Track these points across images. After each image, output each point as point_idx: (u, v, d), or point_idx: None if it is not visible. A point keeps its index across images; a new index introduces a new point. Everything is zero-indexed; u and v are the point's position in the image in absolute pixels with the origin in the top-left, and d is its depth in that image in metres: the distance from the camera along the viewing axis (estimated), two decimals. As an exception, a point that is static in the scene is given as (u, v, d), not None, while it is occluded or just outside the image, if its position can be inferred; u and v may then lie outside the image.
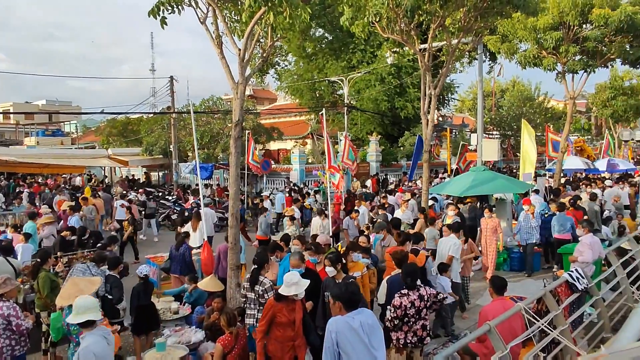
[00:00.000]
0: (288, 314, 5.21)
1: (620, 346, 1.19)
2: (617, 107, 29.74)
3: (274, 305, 5.23)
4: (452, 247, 8.54)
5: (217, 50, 7.92)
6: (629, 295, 7.82)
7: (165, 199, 21.24)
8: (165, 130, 29.21)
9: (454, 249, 8.50)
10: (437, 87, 12.38)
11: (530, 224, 11.42)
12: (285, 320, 5.20)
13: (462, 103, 51.25)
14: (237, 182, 7.98)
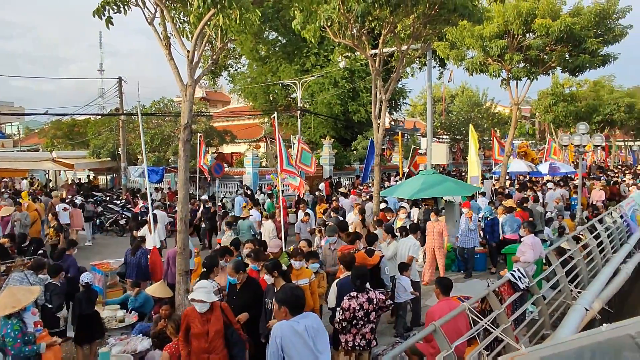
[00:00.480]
0: (201, 325, 4.96)
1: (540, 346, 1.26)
2: (558, 113, 31.21)
3: (187, 315, 5.07)
4: (412, 248, 8.85)
5: (165, 51, 7.76)
6: (568, 293, 8.20)
7: (113, 204, 20.56)
8: (113, 132, 28.33)
9: (413, 249, 8.81)
10: (388, 92, 12.59)
11: (469, 228, 11.48)
12: (198, 330, 4.97)
13: (414, 108, 52.34)
14: (186, 186, 7.84)
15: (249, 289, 6.12)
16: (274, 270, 5.77)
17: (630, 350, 1.17)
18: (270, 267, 5.80)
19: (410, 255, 8.71)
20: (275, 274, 5.75)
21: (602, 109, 35.54)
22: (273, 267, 5.80)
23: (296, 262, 6.78)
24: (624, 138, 51.75)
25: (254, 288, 6.16)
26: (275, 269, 5.79)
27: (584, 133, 15.09)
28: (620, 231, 12.99)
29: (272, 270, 5.77)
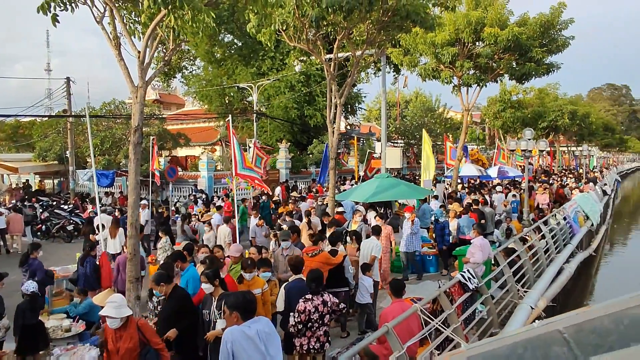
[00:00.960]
0: (113, 342, 4.67)
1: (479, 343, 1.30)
2: (506, 119, 32.41)
3: (105, 330, 4.85)
4: (375, 248, 8.94)
5: (114, 51, 7.56)
6: (515, 292, 8.51)
7: (60, 209, 19.78)
8: (61, 134, 27.29)
9: (376, 250, 8.90)
10: (343, 97, 12.71)
11: (411, 232, 11.30)
12: (110, 347, 4.70)
13: (370, 112, 53.11)
14: (137, 190, 7.64)
15: (174, 301, 5.68)
16: (215, 279, 5.51)
17: (559, 345, 1.23)
18: (210, 275, 5.49)
19: (372, 255, 8.79)
20: (216, 282, 5.50)
21: (547, 116, 37.20)
22: (214, 275, 5.52)
23: (247, 274, 6.49)
24: (567, 143, 54.30)
25: (180, 300, 5.73)
26: (216, 277, 5.54)
27: (529, 138, 15.74)
28: (563, 232, 13.62)
29: (213, 278, 5.49)
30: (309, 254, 7.97)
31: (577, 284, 13.78)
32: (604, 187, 28.20)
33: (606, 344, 1.18)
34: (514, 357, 1.28)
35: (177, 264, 7.01)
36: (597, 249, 17.14)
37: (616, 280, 17.47)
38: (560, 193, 21.58)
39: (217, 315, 5.23)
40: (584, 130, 44.69)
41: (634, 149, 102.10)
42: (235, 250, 7.63)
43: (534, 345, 1.27)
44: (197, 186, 23.67)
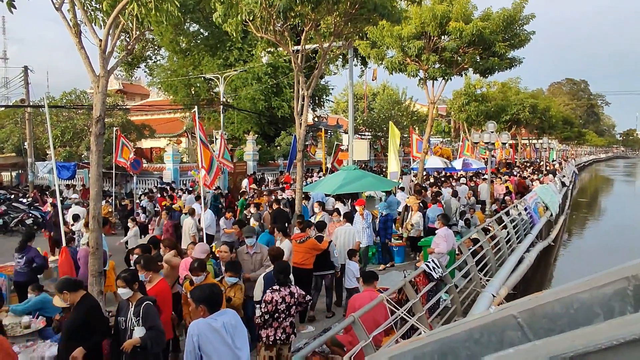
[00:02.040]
0: None
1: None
2: (470, 112, 32.99)
3: None
4: (356, 234, 9.66)
5: (74, 39, 7.32)
6: (477, 281, 8.74)
7: (19, 202, 19.14)
8: (19, 125, 26.33)
9: (357, 235, 9.68)
10: (310, 88, 12.69)
11: (362, 226, 11.12)
12: None
13: (337, 105, 53.26)
14: (99, 183, 7.46)
15: (81, 313, 5.06)
16: (134, 282, 4.98)
17: (513, 329, 1.28)
18: (129, 278, 4.94)
19: (357, 240, 9.60)
20: (135, 286, 4.96)
21: (510, 109, 38.06)
22: (132, 278, 5.00)
23: (196, 278, 5.93)
24: (528, 136, 55.78)
25: (89, 312, 5.09)
26: (135, 280, 5.03)
27: (492, 131, 16.11)
28: (524, 223, 14.03)
29: (132, 282, 4.95)
30: (297, 240, 8.43)
31: (536, 273, 14.26)
32: (563, 179, 29.15)
33: (557, 328, 1.24)
34: (470, 342, 1.33)
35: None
36: (555, 239, 17.74)
37: (573, 268, 18.16)
38: (523, 184, 22.22)
39: (135, 322, 4.76)
40: (544, 124, 45.97)
41: (591, 142, 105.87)
42: (200, 251, 6.93)
43: (490, 330, 1.31)
44: (162, 178, 23.30)
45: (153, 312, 4.78)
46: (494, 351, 1.24)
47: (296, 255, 8.33)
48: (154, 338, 4.62)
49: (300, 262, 8.29)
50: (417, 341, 1.42)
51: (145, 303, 4.82)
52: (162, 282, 5.93)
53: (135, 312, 4.77)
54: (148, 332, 4.61)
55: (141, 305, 4.79)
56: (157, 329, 4.69)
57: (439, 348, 1.35)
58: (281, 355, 5.57)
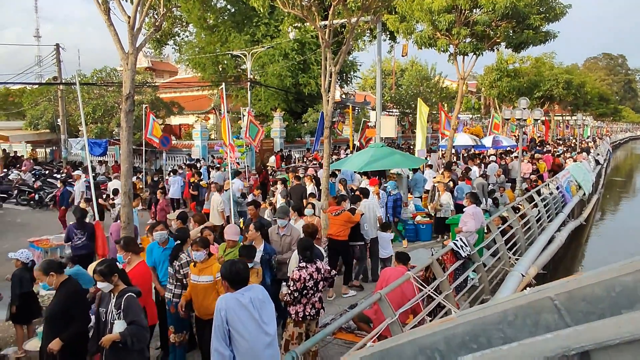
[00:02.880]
0: None
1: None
2: (502, 88, 32.20)
3: None
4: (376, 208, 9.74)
5: (104, 17, 7.38)
6: (506, 260, 8.62)
7: (53, 177, 19.69)
8: (52, 102, 26.91)
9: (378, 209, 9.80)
10: (338, 65, 12.51)
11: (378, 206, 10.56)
12: None
13: (365, 81, 52.57)
14: (130, 159, 7.59)
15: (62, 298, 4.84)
16: (112, 275, 4.53)
17: (549, 312, 1.24)
18: (106, 272, 4.49)
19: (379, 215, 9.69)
20: (114, 278, 4.53)
21: (543, 85, 36.99)
22: (110, 271, 4.53)
23: (196, 253, 5.61)
24: (562, 113, 54.21)
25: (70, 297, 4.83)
26: (113, 272, 4.56)
27: (524, 107, 15.68)
28: (556, 201, 13.73)
29: (110, 275, 4.51)
30: (333, 213, 8.74)
31: (567, 252, 13.99)
32: (597, 157, 28.34)
33: (597, 311, 1.19)
34: (504, 324, 1.29)
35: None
36: (588, 218, 17.32)
37: (605, 249, 17.74)
38: (557, 162, 21.67)
39: (115, 315, 4.38)
40: (579, 100, 44.57)
41: (628, 119, 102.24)
42: (232, 232, 6.57)
43: (525, 313, 1.27)
44: (191, 155, 23.58)
45: (135, 305, 4.41)
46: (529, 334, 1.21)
47: (332, 227, 8.69)
48: (135, 334, 4.25)
49: (335, 234, 8.64)
50: (448, 322, 1.39)
51: (127, 295, 4.43)
52: (141, 264, 5.73)
53: (117, 304, 4.39)
54: (128, 327, 4.27)
55: (123, 297, 4.41)
56: (138, 324, 4.32)
57: (471, 329, 1.31)
58: (309, 330, 5.63)
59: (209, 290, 5.53)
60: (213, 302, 5.17)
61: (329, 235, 8.73)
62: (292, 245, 7.01)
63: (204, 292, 5.54)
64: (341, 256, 8.89)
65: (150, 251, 6.61)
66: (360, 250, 9.10)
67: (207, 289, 5.55)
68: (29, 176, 19.47)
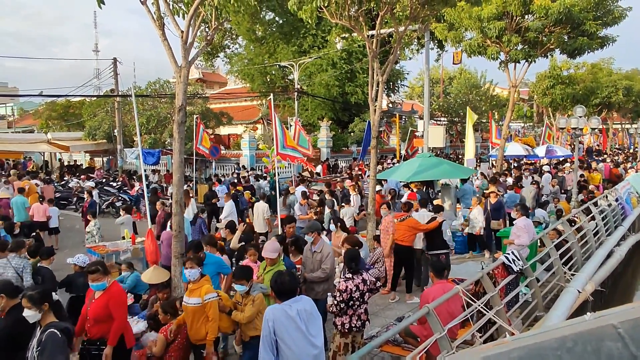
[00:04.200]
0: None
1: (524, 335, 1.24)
2: (555, 95, 31.10)
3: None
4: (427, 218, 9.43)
5: (158, 32, 7.64)
6: (561, 275, 8.26)
7: (110, 186, 20.55)
8: (109, 114, 28.15)
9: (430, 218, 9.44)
10: (385, 74, 12.47)
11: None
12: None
13: (412, 90, 52.14)
14: (181, 168, 7.79)
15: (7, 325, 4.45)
16: (44, 302, 4.01)
17: (612, 340, 1.17)
18: (36, 297, 3.98)
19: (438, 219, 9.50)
20: (44, 306, 4.01)
21: (600, 92, 35.45)
22: (41, 297, 4.01)
23: (189, 271, 5.24)
24: (621, 121, 51.74)
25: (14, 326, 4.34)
26: (45, 299, 4.03)
27: (581, 116, 15.06)
28: (615, 214, 13.07)
29: (41, 301, 4.00)
30: (398, 219, 8.93)
31: (627, 268, 13.26)
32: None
33: (665, 341, 1.11)
34: (563, 351, 1.22)
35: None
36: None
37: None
38: (616, 172, 20.68)
39: (35, 353, 3.81)
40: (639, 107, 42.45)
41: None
42: (270, 249, 5.99)
43: (585, 339, 1.21)
44: (239, 164, 24.03)
45: (54, 344, 3.77)
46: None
47: (397, 232, 8.75)
48: None
49: (399, 239, 8.78)
50: (501, 346, 1.33)
51: (48, 331, 3.83)
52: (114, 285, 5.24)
53: (38, 340, 3.84)
54: None
55: (45, 332, 3.84)
56: None
57: (526, 355, 1.26)
58: (355, 342, 5.58)
59: (197, 314, 5.19)
60: (202, 326, 5.15)
61: (395, 240, 8.85)
62: (322, 264, 6.41)
63: (192, 314, 5.23)
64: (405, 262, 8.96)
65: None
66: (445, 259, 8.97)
67: (196, 312, 5.20)
68: (88, 184, 20.37)
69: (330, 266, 6.41)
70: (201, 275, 5.34)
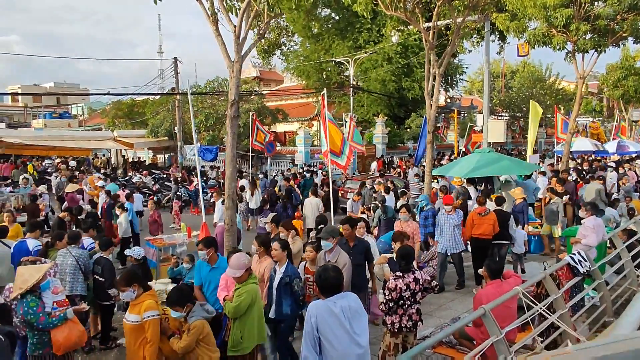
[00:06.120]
0: None
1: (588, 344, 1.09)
2: (628, 87, 29.11)
3: None
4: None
5: (212, 27, 7.74)
6: (634, 278, 7.66)
7: (170, 181, 21.23)
8: (170, 112, 29.11)
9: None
10: (442, 67, 12.10)
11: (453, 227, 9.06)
12: None
13: (472, 84, 50.55)
14: (234, 163, 7.87)
15: None
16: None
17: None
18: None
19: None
20: None
21: (679, 83, 32.86)
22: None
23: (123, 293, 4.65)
24: None
25: None
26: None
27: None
28: (696, 214, 12.04)
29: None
30: (480, 213, 9.10)
31: None
32: None
33: None
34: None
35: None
36: None
37: None
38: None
39: None
40: None
41: None
42: (235, 266, 4.95)
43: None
44: (294, 161, 24.16)
45: None
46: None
47: (479, 227, 8.99)
48: None
49: (483, 233, 9.01)
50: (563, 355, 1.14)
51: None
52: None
53: None
54: None
55: None
56: None
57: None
58: (407, 342, 5.38)
59: (135, 333, 4.49)
60: (140, 349, 4.43)
61: (475, 235, 9.08)
62: None
63: (129, 334, 4.56)
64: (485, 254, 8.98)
65: (198, 269, 6.09)
66: (505, 250, 9.43)
67: (134, 331, 4.50)
68: (149, 180, 21.13)
69: (346, 279, 5.57)
70: (144, 290, 4.69)
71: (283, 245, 5.74)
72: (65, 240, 6.89)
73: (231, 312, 4.80)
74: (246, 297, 4.77)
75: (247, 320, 4.84)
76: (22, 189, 16.40)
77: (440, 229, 9.22)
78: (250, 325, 4.86)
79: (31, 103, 56.44)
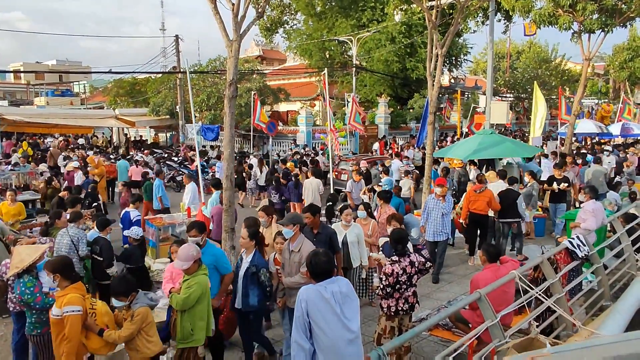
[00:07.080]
0: None
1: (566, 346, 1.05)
2: (634, 69, 28.79)
3: None
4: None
5: (210, 5, 7.61)
6: (633, 263, 7.63)
7: (172, 160, 21.20)
8: (172, 90, 28.92)
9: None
10: (445, 46, 11.92)
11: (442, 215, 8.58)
12: None
13: (477, 65, 49.97)
14: (232, 144, 7.81)
15: None
16: None
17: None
18: None
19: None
20: None
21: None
22: None
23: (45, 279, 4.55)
24: None
25: None
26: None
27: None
28: (698, 198, 11.96)
29: None
30: (476, 190, 9.56)
31: None
32: None
33: None
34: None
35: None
36: None
37: None
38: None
39: None
40: None
41: None
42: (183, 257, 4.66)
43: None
44: (296, 141, 24.06)
45: None
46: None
47: (474, 203, 9.54)
48: None
49: (479, 209, 9.53)
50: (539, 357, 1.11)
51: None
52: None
53: None
54: None
55: None
56: None
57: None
58: (402, 325, 5.39)
59: (56, 328, 4.30)
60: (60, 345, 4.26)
61: (473, 210, 9.57)
62: (301, 267, 5.17)
63: (52, 328, 4.37)
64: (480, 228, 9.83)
65: None
66: (516, 227, 9.82)
67: (55, 325, 4.31)
68: (151, 159, 21.09)
69: None
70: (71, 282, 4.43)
71: (251, 233, 5.49)
72: (65, 219, 6.89)
73: (180, 304, 4.64)
74: (196, 288, 4.63)
75: (196, 312, 4.69)
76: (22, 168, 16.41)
77: (427, 215, 8.73)
78: (201, 317, 4.74)
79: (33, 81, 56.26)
